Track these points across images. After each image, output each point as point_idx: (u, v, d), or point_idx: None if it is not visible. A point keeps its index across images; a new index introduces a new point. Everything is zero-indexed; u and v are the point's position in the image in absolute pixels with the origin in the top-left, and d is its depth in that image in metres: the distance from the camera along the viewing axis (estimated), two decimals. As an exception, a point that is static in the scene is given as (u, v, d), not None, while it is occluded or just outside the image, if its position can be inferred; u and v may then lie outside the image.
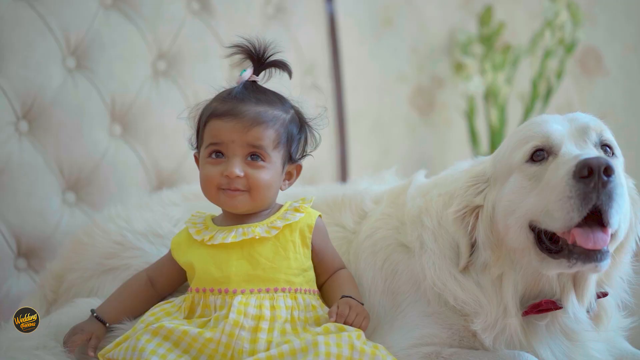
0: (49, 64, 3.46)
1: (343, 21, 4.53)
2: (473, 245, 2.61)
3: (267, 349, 2.46)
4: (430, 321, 2.64)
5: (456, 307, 2.61)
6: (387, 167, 3.26)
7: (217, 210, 2.74)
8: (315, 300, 2.63)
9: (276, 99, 2.70)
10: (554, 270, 2.50)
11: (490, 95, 4.69)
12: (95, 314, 2.68)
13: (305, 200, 2.72)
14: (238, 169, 2.57)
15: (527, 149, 2.54)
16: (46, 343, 2.64)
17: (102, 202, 3.48)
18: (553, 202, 2.40)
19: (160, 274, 2.74)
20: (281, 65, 2.74)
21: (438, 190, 2.78)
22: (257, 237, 2.60)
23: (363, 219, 2.90)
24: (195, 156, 2.76)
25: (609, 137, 2.58)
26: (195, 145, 2.75)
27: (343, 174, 4.40)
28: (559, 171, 2.43)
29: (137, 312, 2.72)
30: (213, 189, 2.62)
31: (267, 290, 2.56)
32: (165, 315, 2.59)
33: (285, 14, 4.14)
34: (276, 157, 2.64)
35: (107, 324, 2.66)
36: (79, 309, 2.76)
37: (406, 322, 2.67)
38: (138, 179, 3.66)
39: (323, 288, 2.70)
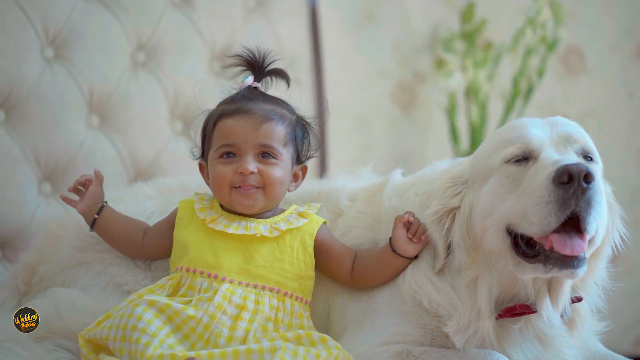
0: (27, 54, 3.44)
1: (325, 15, 4.52)
2: (449, 247, 2.61)
3: (245, 338, 2.48)
4: (403, 320, 2.64)
5: (430, 309, 2.61)
6: (367, 162, 3.27)
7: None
8: (305, 310, 2.65)
9: (281, 101, 2.77)
10: (529, 275, 2.50)
11: (471, 92, 4.69)
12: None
13: (311, 207, 2.75)
14: (252, 165, 2.61)
15: (507, 152, 2.53)
16: (17, 336, 2.64)
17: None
18: (531, 206, 2.40)
19: (154, 233, 2.80)
20: (280, 74, 2.81)
21: (415, 190, 2.78)
22: (258, 235, 2.62)
23: (339, 217, 2.90)
24: (200, 165, 2.80)
25: (591, 146, 2.58)
26: (199, 155, 2.79)
27: (322, 169, 4.39)
28: (538, 175, 2.42)
29: (114, 244, 2.84)
30: (226, 188, 2.64)
31: (255, 286, 2.58)
32: (148, 292, 2.60)
33: (266, 7, 4.13)
34: (286, 155, 2.68)
35: (106, 203, 2.83)
36: (51, 301, 2.76)
37: (378, 320, 2.67)
38: (115, 171, 3.65)
39: (354, 272, 2.71)
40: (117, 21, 3.65)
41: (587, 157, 2.56)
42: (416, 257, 2.66)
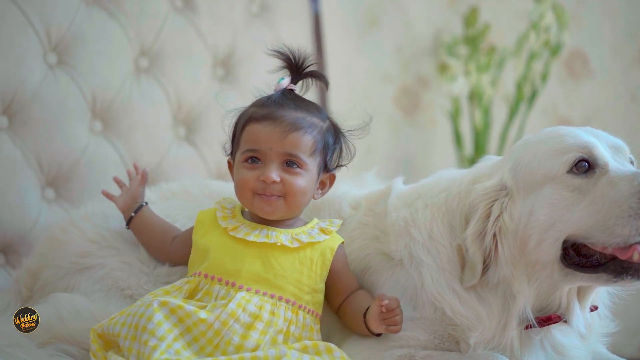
0: (30, 59, 3.43)
1: (328, 20, 4.52)
2: (485, 263, 2.56)
3: (256, 349, 2.46)
4: (412, 325, 2.61)
5: (454, 318, 2.58)
6: (370, 167, 3.25)
7: (197, 208, 2.75)
8: (315, 324, 2.62)
9: (314, 108, 2.73)
10: (578, 284, 2.51)
11: (475, 96, 4.68)
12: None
13: (332, 223, 2.73)
14: (275, 174, 2.59)
15: (568, 159, 2.49)
16: (19, 341, 2.64)
17: (81, 199, 3.46)
18: (616, 217, 2.40)
19: (180, 241, 2.80)
20: (318, 76, 2.78)
21: (423, 201, 2.73)
22: (278, 244, 2.60)
23: (341, 226, 2.86)
24: (229, 162, 2.78)
25: (631, 155, 2.61)
26: (229, 152, 2.77)
27: (326, 173, 4.39)
28: (620, 187, 2.42)
29: (145, 244, 2.87)
30: (248, 193, 2.63)
31: (272, 296, 2.56)
32: (164, 294, 2.59)
33: (269, 12, 4.13)
34: (312, 165, 2.65)
35: (145, 203, 2.89)
36: (53, 306, 2.75)
37: None
38: (118, 176, 3.64)
39: (341, 309, 2.70)
40: (119, 26, 3.65)
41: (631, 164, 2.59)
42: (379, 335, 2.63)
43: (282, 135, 2.60)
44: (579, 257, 2.49)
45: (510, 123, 4.67)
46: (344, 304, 2.69)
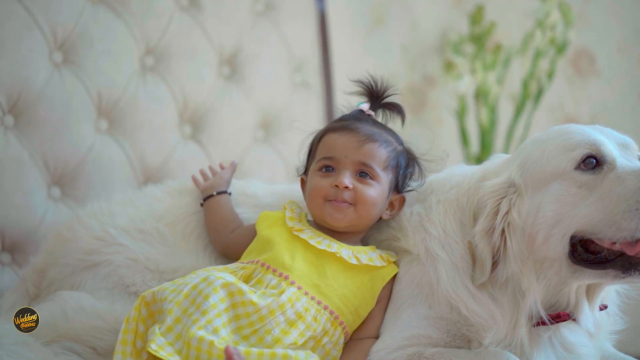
0: (36, 59, 3.44)
1: (334, 19, 4.51)
2: (494, 260, 2.57)
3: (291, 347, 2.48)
4: (427, 323, 2.62)
5: (469, 317, 2.57)
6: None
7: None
8: (343, 344, 2.63)
9: (391, 131, 2.78)
10: (586, 281, 2.51)
11: (481, 95, 4.68)
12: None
13: (391, 254, 2.73)
14: (347, 180, 2.63)
15: (576, 155, 2.50)
16: (25, 339, 2.64)
17: (87, 198, 3.46)
18: (622, 212, 2.40)
19: (241, 231, 2.85)
20: (397, 108, 2.83)
21: (436, 197, 2.74)
22: (338, 255, 2.62)
23: None
24: (302, 179, 2.83)
25: None
26: (302, 172, 2.83)
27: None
28: (628, 182, 2.43)
29: (208, 225, 2.94)
30: (320, 199, 2.67)
31: (319, 303, 2.57)
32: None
33: (274, 11, 4.13)
34: (384, 179, 2.68)
35: (229, 193, 2.98)
36: (58, 304, 2.76)
37: (399, 323, 2.64)
38: (124, 175, 3.65)
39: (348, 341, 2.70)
40: (125, 25, 3.66)
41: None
42: None
43: (358, 144, 2.65)
44: (587, 253, 2.49)
45: (516, 121, 4.66)
46: (349, 342, 2.67)
